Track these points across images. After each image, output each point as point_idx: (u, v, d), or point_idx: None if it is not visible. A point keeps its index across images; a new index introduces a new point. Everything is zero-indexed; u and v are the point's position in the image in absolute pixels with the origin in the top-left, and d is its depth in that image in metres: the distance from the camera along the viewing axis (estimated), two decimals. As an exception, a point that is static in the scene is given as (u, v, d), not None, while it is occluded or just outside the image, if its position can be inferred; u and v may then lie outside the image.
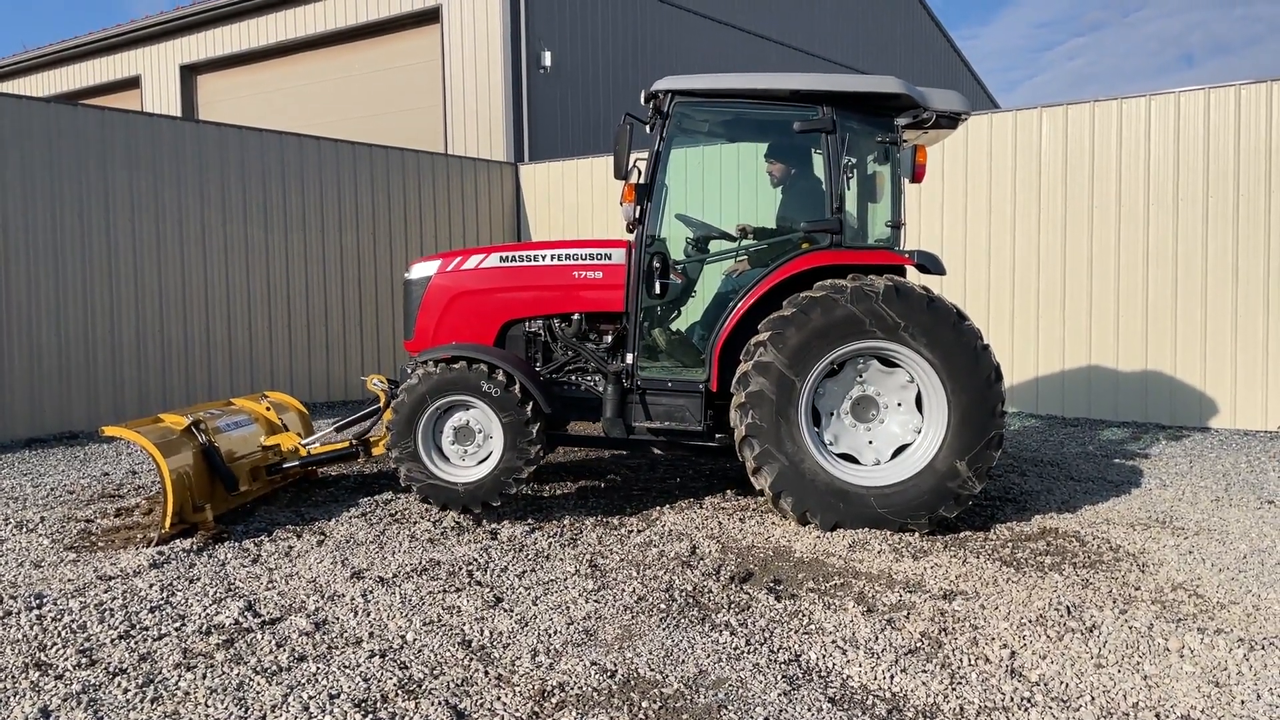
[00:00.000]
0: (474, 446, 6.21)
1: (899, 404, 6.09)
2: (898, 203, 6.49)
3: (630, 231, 6.43)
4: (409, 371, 6.34)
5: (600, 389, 6.60)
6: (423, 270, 6.97)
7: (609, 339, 6.64)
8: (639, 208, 6.30)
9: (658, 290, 6.38)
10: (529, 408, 6.10)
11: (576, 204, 14.25)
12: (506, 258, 6.80)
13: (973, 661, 4.06)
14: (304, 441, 6.98)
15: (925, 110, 6.32)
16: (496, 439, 6.13)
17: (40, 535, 6.11)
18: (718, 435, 6.46)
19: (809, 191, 6.56)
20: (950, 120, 6.50)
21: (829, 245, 6.27)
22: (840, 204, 6.25)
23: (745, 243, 6.82)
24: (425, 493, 6.14)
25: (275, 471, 6.85)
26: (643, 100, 6.55)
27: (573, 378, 6.77)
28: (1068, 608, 4.61)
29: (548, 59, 16.25)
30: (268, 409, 7.27)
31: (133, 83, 21.19)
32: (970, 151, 10.97)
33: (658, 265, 6.37)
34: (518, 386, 6.11)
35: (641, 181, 6.31)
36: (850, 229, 6.41)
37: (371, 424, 7.10)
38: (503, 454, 6.10)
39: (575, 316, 6.68)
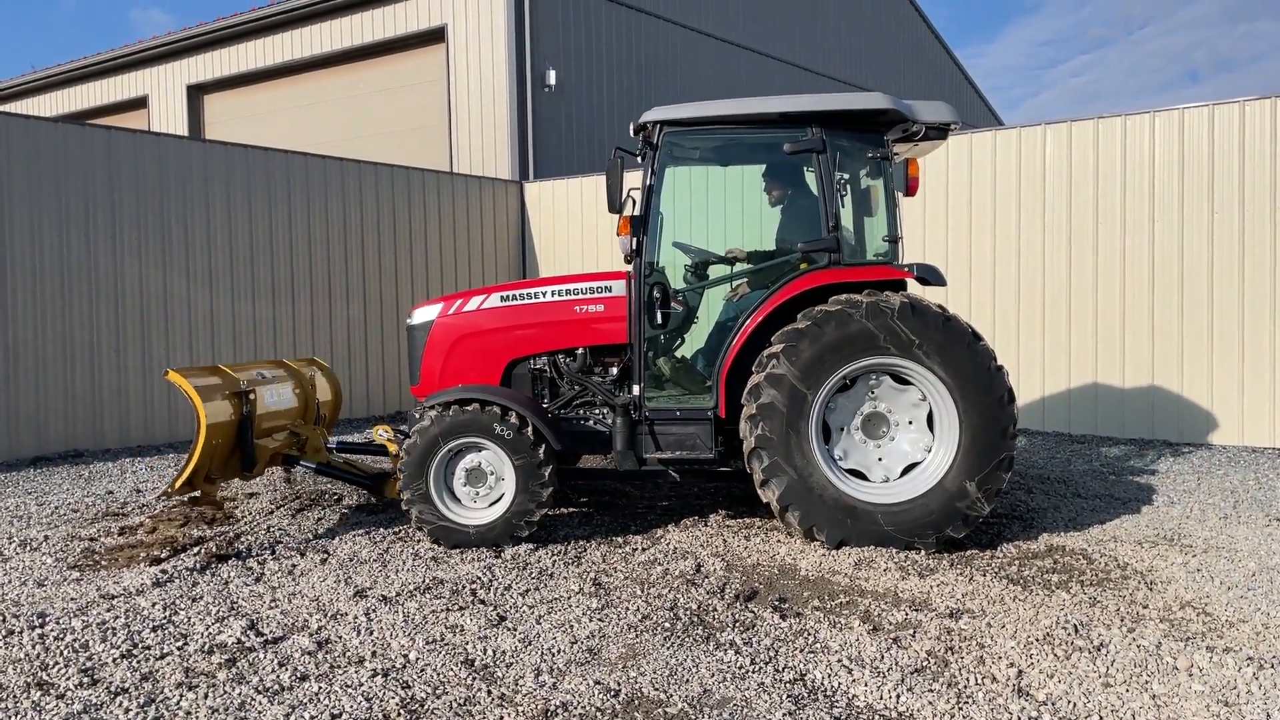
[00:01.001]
0: (486, 488, 6.17)
1: (910, 422, 6.07)
2: (894, 217, 6.49)
3: (629, 263, 6.44)
4: (418, 416, 6.32)
5: (608, 422, 6.59)
6: (425, 314, 6.95)
7: (614, 371, 6.63)
8: (635, 239, 6.30)
9: (660, 320, 6.37)
10: (541, 450, 6.06)
11: (581, 221, 14.29)
12: (508, 297, 6.79)
13: (979, 681, 4.02)
14: (329, 446, 7.04)
15: (914, 123, 6.33)
16: (508, 481, 6.09)
17: (44, 554, 6.11)
18: (732, 461, 6.44)
19: (805, 211, 6.57)
20: (940, 131, 6.51)
21: (828, 264, 6.27)
22: (836, 222, 6.25)
23: (744, 266, 6.82)
24: (436, 534, 6.10)
25: (289, 463, 6.91)
26: (632, 132, 6.57)
27: (580, 412, 6.74)
28: (1075, 626, 4.57)
29: (552, 77, 16.34)
30: (312, 382, 7.51)
31: (140, 102, 21.33)
32: (974, 169, 10.98)
33: (658, 295, 6.37)
34: (530, 428, 6.07)
35: (636, 213, 6.32)
36: (848, 246, 6.41)
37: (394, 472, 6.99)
38: (515, 496, 6.05)
39: (580, 351, 6.66)
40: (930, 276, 6.37)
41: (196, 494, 6.34)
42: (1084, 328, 10.40)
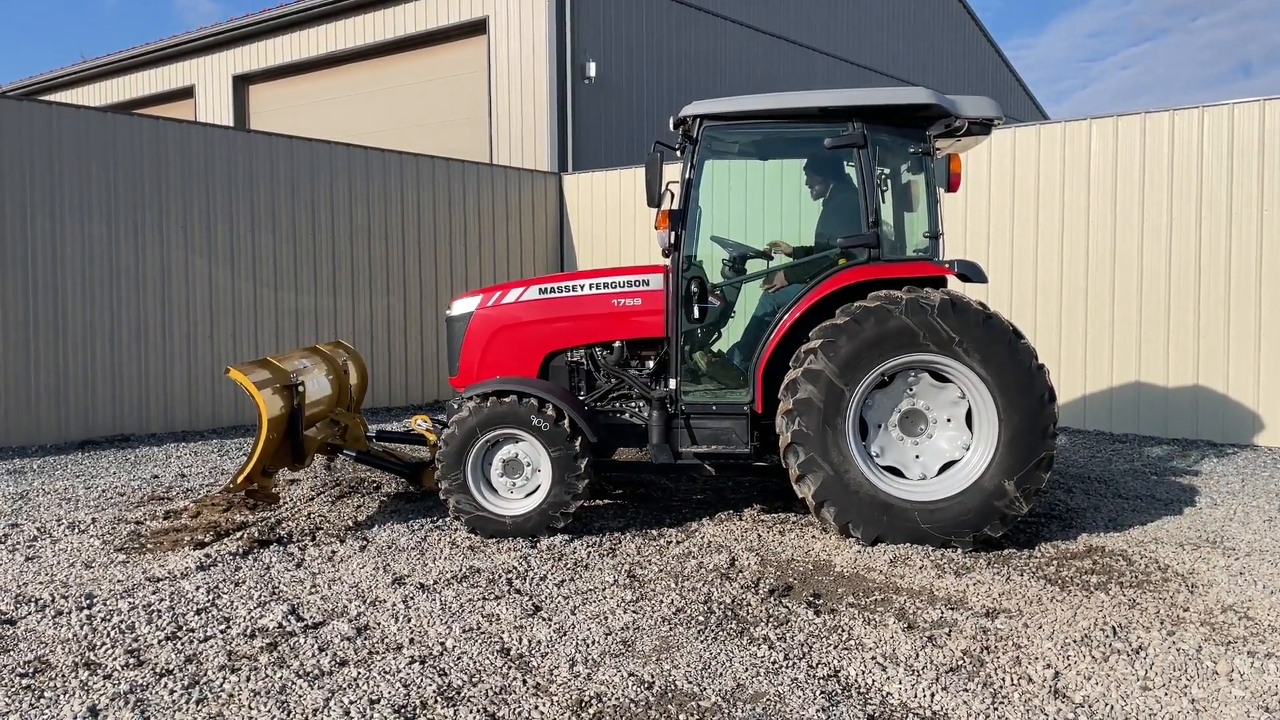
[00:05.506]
0: (522, 479, 6.22)
1: (949, 420, 6.02)
2: (935, 213, 6.43)
3: (666, 256, 6.44)
4: (456, 406, 6.39)
5: (644, 415, 6.61)
6: (464, 306, 7.02)
7: (651, 365, 6.65)
8: (674, 233, 6.30)
9: (697, 314, 6.38)
10: (578, 442, 6.10)
11: (619, 214, 14.31)
12: (546, 289, 6.83)
13: (1015, 681, 4.00)
14: (368, 434, 7.15)
15: (956, 118, 6.26)
16: (545, 473, 6.14)
17: (91, 536, 6.25)
18: (767, 456, 6.43)
19: (845, 206, 6.53)
20: (982, 127, 6.43)
21: (867, 260, 6.23)
22: (876, 218, 6.22)
23: (782, 260, 6.80)
24: (473, 524, 6.17)
25: (333, 452, 7.02)
26: (671, 126, 6.56)
27: (617, 405, 6.78)
28: (1114, 628, 4.53)
29: (592, 70, 16.35)
30: (344, 367, 7.58)
31: (186, 93, 21.64)
32: (1018, 164, 10.85)
33: (695, 289, 6.37)
34: (567, 421, 6.11)
35: (675, 207, 6.32)
36: (888, 242, 6.37)
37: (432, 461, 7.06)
38: (551, 488, 6.10)
39: (617, 344, 6.69)
40: (971, 273, 6.31)
41: (254, 487, 6.42)
42: (1128, 325, 10.25)
